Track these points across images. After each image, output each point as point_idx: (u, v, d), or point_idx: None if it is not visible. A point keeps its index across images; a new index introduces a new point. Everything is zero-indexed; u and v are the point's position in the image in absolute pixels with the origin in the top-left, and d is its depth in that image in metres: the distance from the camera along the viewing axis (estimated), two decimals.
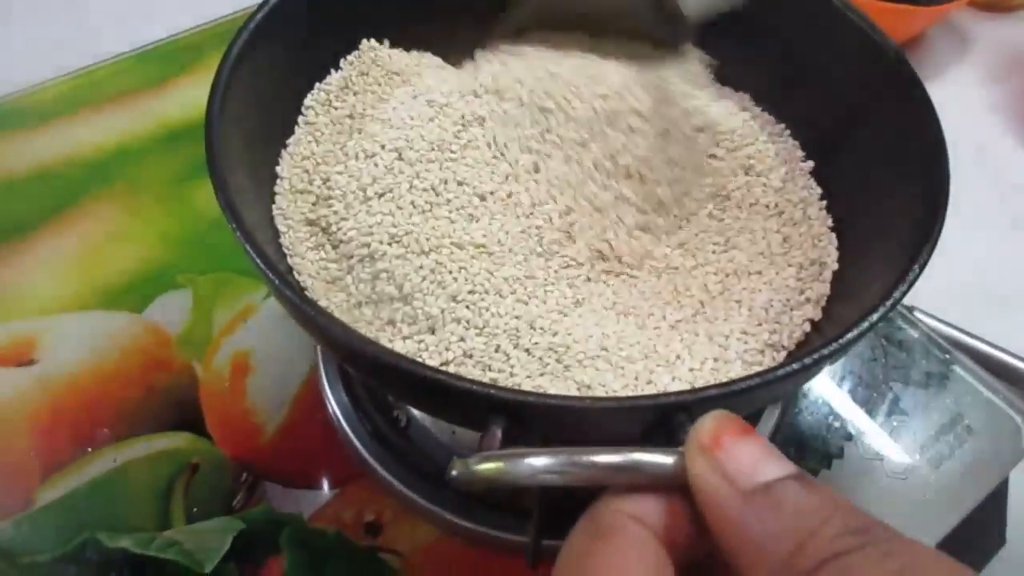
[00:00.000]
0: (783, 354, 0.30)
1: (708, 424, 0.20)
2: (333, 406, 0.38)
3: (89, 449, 0.38)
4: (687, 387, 0.28)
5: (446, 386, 0.24)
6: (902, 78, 0.32)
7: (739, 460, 0.19)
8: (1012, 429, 0.37)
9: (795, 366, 0.24)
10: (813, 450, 0.37)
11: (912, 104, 0.31)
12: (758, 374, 0.24)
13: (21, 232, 0.46)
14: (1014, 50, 0.64)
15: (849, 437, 0.37)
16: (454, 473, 0.21)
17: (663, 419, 0.23)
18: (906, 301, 0.46)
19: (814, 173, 0.36)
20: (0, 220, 0.46)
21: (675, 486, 0.20)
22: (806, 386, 0.38)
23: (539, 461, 0.20)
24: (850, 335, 0.25)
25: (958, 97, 0.61)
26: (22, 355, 0.41)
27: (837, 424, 0.37)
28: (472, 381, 0.24)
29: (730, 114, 0.37)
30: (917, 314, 0.45)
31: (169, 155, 0.49)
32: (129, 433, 0.39)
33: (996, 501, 0.38)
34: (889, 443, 0.37)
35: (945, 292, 0.48)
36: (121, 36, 0.56)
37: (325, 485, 0.38)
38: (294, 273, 0.32)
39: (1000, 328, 0.46)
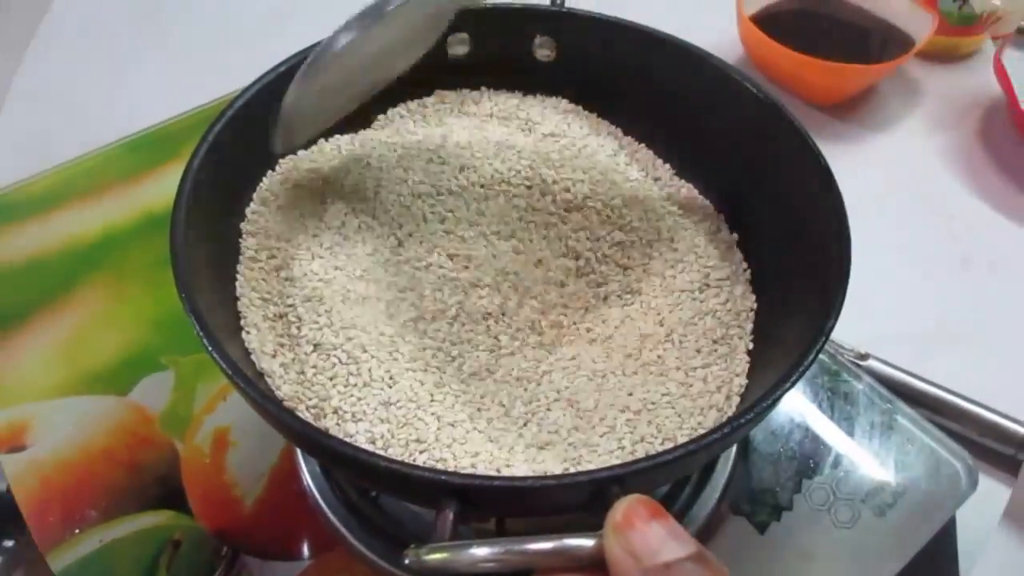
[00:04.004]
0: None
1: (623, 506, 0.22)
2: (307, 477, 0.40)
3: (77, 531, 0.40)
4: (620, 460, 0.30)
5: (401, 474, 0.26)
6: (796, 141, 0.35)
7: (646, 539, 0.21)
8: (952, 475, 0.39)
9: (711, 438, 0.26)
10: (763, 503, 0.39)
11: (814, 170, 0.34)
12: (680, 446, 0.26)
13: (14, 321, 0.48)
14: (962, 97, 0.67)
15: (798, 489, 0.39)
16: (406, 562, 0.23)
17: (598, 492, 0.25)
18: (860, 348, 0.48)
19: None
20: None
21: (599, 564, 0.22)
22: (756, 441, 0.40)
23: (480, 551, 0.23)
24: (762, 406, 0.27)
25: (909, 145, 0.64)
26: (15, 441, 0.43)
27: (786, 476, 0.39)
28: (425, 468, 0.26)
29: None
30: (871, 361, 0.48)
31: (154, 240, 0.51)
32: (115, 513, 0.40)
33: (945, 543, 0.40)
34: (836, 494, 0.39)
35: (899, 333, 0.50)
36: (109, 127, 0.58)
37: (302, 554, 0.40)
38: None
39: (952, 366, 0.48)
